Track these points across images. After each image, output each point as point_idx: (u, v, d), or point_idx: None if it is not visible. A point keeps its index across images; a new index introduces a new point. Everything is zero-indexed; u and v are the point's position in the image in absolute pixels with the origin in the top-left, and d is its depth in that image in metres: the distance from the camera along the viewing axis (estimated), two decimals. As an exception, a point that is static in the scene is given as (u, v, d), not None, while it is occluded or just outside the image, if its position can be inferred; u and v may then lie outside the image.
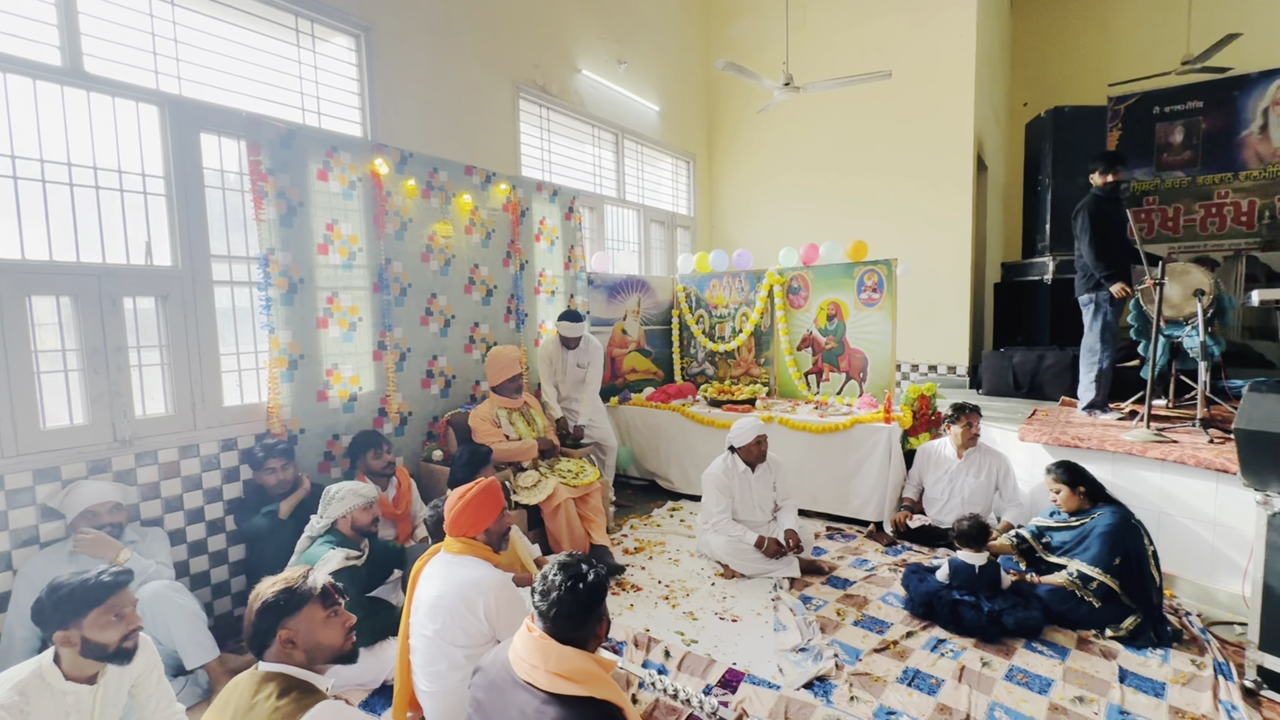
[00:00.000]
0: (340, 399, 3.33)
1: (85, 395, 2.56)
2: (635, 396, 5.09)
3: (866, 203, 6.12)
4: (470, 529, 2.07)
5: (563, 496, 3.32)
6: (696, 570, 3.39)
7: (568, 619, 1.46)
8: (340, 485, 2.52)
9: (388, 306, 3.55)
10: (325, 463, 3.27)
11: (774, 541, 3.26)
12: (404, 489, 3.23)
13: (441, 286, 3.88)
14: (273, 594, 1.48)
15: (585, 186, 5.54)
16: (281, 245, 3.05)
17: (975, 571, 2.79)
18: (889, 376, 4.47)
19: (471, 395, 4.10)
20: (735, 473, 3.45)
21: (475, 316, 4.11)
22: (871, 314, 4.52)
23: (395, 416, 3.60)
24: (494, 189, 4.20)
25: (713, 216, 7.35)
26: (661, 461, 4.82)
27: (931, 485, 3.74)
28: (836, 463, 4.04)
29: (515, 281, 4.38)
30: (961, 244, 5.61)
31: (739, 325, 5.25)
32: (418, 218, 3.72)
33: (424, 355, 3.80)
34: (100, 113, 2.62)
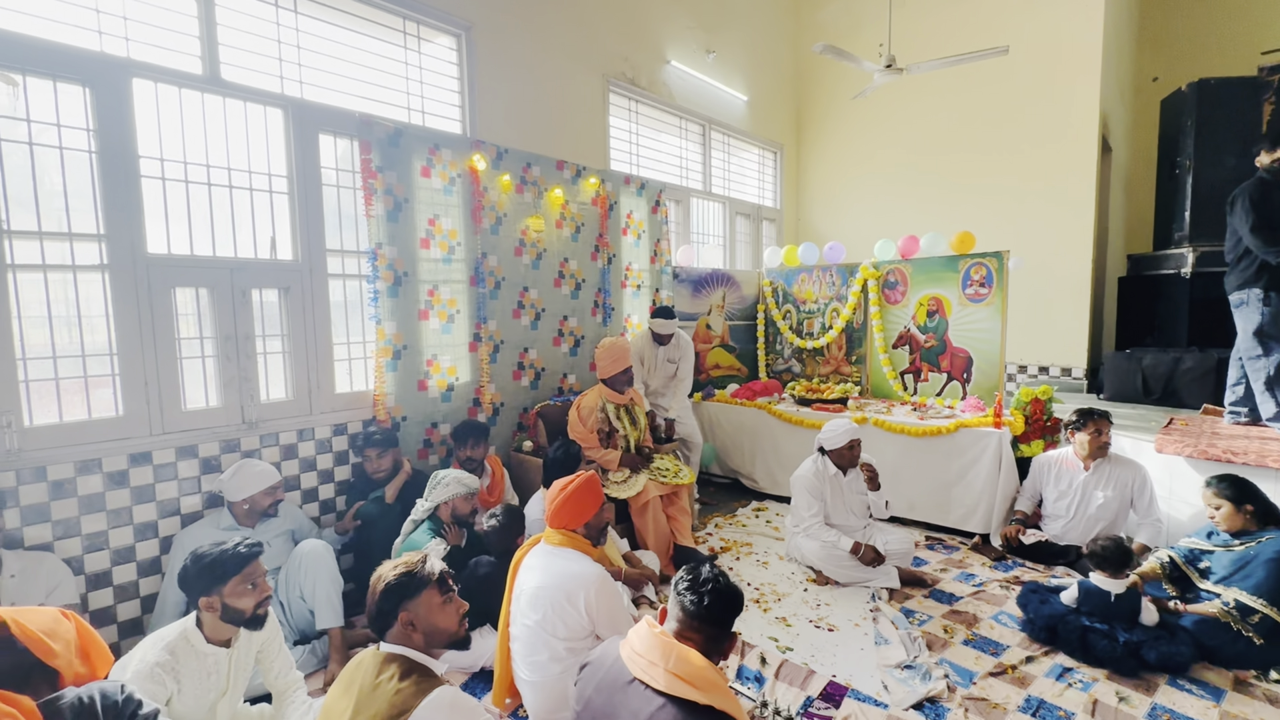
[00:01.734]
0: (439, 389, 3.45)
1: (219, 380, 2.77)
2: (719, 393, 5.00)
3: (972, 191, 5.71)
4: (571, 521, 2.08)
5: (652, 494, 3.29)
6: (786, 574, 3.29)
7: (701, 623, 1.42)
8: (446, 472, 2.60)
9: (483, 299, 3.64)
10: (424, 449, 3.39)
11: (871, 549, 3.10)
12: (497, 478, 3.32)
13: (533, 280, 3.94)
14: (394, 576, 1.52)
15: (671, 179, 5.48)
16: (388, 240, 3.18)
17: (1111, 600, 2.52)
18: (997, 378, 4.15)
19: (559, 388, 4.16)
20: (826, 476, 3.31)
21: (564, 310, 4.15)
22: (978, 310, 4.21)
23: (489, 407, 3.69)
24: (584, 183, 4.22)
25: (799, 209, 7.11)
26: (746, 460, 4.71)
27: (1054, 500, 3.42)
28: (938, 469, 3.80)
29: (603, 275, 4.39)
30: (1082, 235, 5.13)
31: (829, 321, 5.04)
32: (512, 212, 3.79)
33: (516, 348, 3.87)
34: (234, 117, 2.82)
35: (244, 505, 2.54)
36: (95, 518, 2.44)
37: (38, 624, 1.27)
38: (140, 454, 2.53)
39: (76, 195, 2.41)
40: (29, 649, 1.22)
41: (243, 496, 2.53)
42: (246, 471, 2.56)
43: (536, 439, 3.77)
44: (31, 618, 1.27)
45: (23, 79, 2.30)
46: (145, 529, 2.55)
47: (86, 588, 2.42)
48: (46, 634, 1.27)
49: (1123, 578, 2.54)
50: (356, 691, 1.42)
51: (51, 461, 2.33)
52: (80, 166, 2.42)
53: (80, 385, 2.45)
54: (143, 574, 2.55)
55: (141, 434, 2.54)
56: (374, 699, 1.38)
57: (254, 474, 2.56)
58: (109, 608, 2.48)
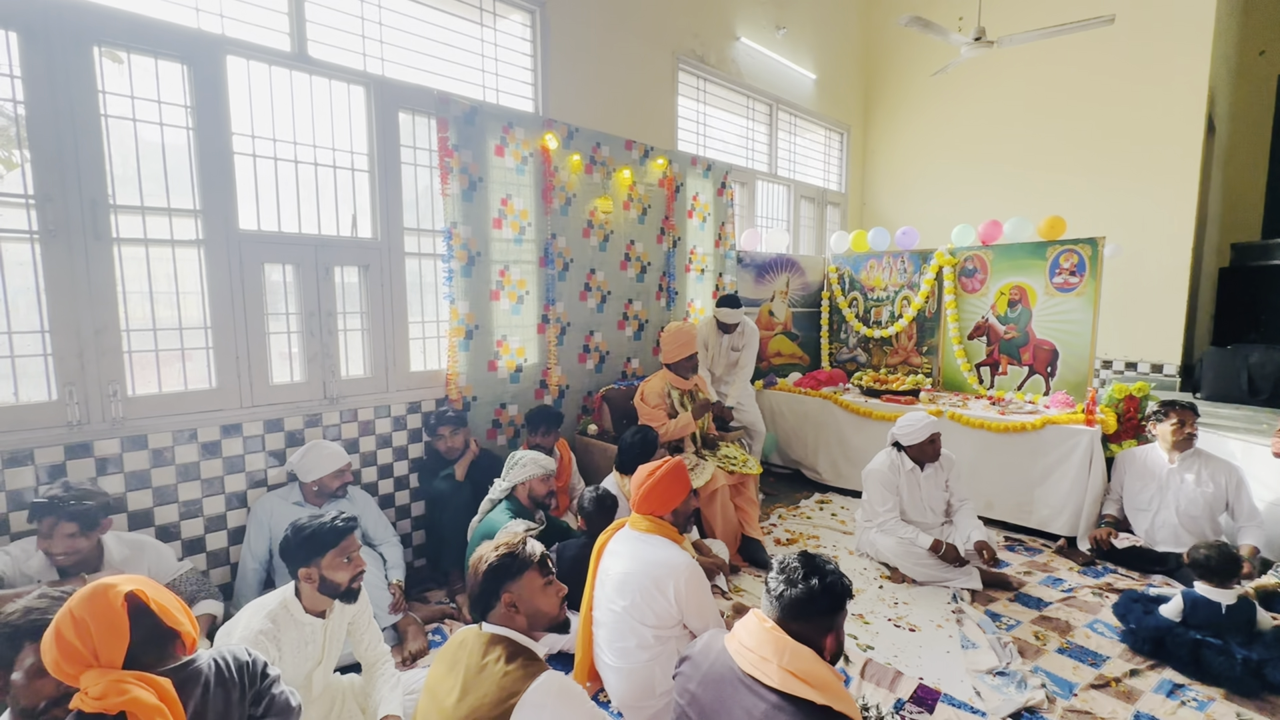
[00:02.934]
0: (508, 369, 3.45)
1: (303, 355, 2.82)
2: (781, 381, 4.89)
3: (1061, 174, 5.39)
4: (659, 507, 2.04)
5: (720, 482, 3.23)
6: (858, 570, 3.19)
7: (807, 615, 1.35)
8: (524, 453, 2.60)
9: (552, 281, 3.61)
10: (493, 429, 3.41)
11: (952, 548, 2.97)
12: (565, 462, 3.31)
13: (600, 262, 3.90)
14: (497, 557, 1.50)
15: (737, 161, 5.35)
16: (463, 219, 3.18)
17: (1222, 611, 2.34)
18: (1086, 373, 3.92)
19: (623, 372, 4.12)
20: (903, 470, 3.18)
21: (629, 293, 4.10)
22: (1067, 300, 3.97)
23: (555, 389, 3.68)
24: (651, 164, 4.13)
25: (865, 192, 6.86)
26: (809, 451, 4.60)
27: (1136, 492, 3.23)
28: (1020, 467, 3.61)
29: (668, 258, 4.31)
30: (1183, 221, 4.77)
31: (899, 310, 4.85)
32: (581, 193, 3.75)
33: (582, 330, 3.85)
34: (319, 94, 2.84)
35: (313, 486, 2.58)
36: (190, 485, 2.52)
37: (159, 593, 1.30)
38: (231, 425, 2.60)
39: (175, 172, 2.47)
40: (160, 618, 1.24)
41: (313, 478, 2.56)
42: (317, 453, 2.59)
43: (601, 423, 3.74)
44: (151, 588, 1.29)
45: (127, 56, 2.35)
46: (234, 499, 2.63)
47: (182, 553, 2.52)
48: (170, 603, 1.29)
49: (1232, 587, 2.36)
50: (463, 671, 1.41)
51: (152, 430, 2.41)
52: (179, 143, 2.47)
53: (178, 357, 2.53)
54: (232, 541, 2.64)
55: (233, 406, 2.61)
56: (481, 680, 1.37)
57: (325, 455, 2.58)
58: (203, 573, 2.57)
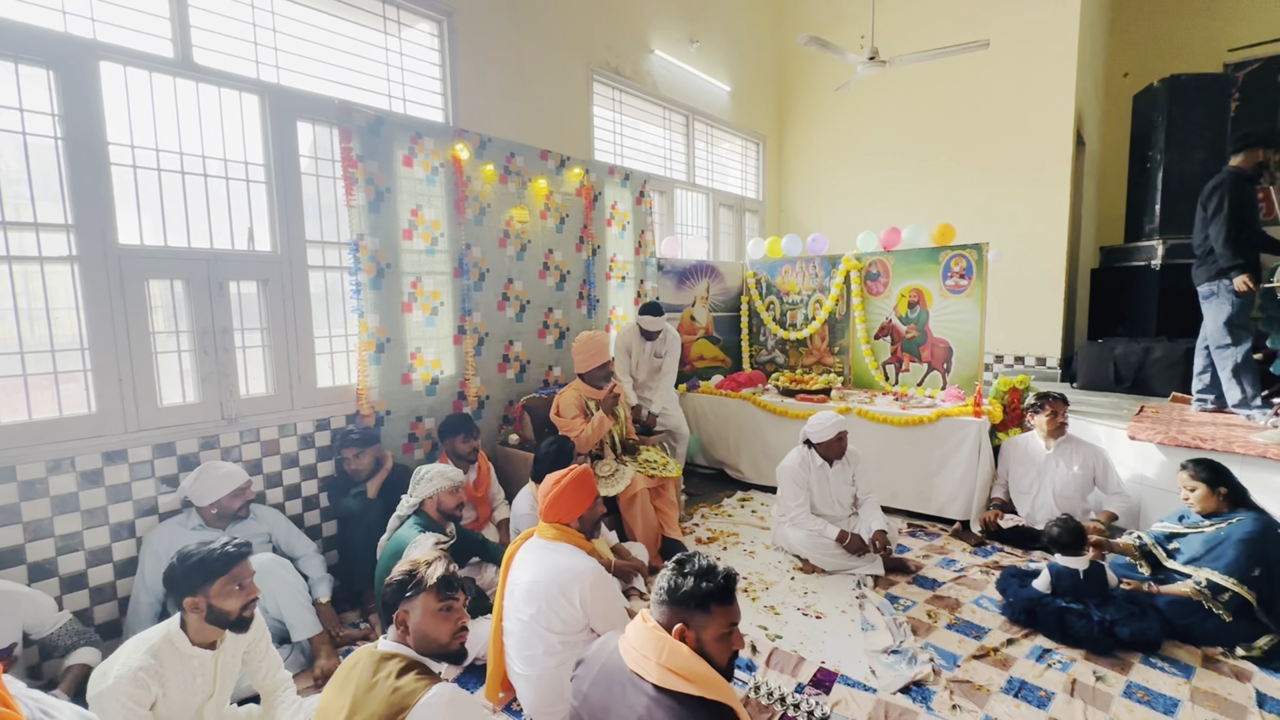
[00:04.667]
0: (423, 382, 3.40)
1: (196, 375, 2.68)
2: (704, 384, 5.02)
3: (952, 183, 5.78)
4: (565, 515, 2.07)
5: (640, 486, 3.30)
6: (774, 563, 3.32)
7: (681, 612, 1.41)
8: (429, 467, 2.56)
9: (467, 291, 3.59)
10: (409, 444, 3.35)
11: (856, 538, 3.14)
12: (484, 472, 3.28)
13: (518, 271, 3.90)
14: (398, 574, 1.49)
15: (656, 170, 5.46)
16: (370, 230, 3.11)
17: (1080, 577, 2.60)
18: (976, 368, 4.21)
19: (545, 380, 4.13)
20: (812, 467, 3.34)
21: (549, 302, 4.12)
22: (958, 301, 4.27)
23: (474, 400, 3.65)
24: (568, 173, 4.17)
25: (782, 200, 7.14)
26: (731, 451, 4.74)
27: (1019, 477, 3.54)
28: (919, 458, 3.86)
29: (587, 267, 4.35)
30: (1057, 227, 5.23)
31: (812, 312, 5.07)
32: (495, 203, 3.74)
33: (501, 340, 3.83)
34: (207, 103, 2.72)
35: (212, 509, 2.46)
36: (69, 518, 2.36)
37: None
38: (115, 452, 2.45)
39: (42, 184, 2.31)
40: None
41: (209, 501, 2.44)
42: (210, 474, 2.47)
43: (522, 432, 3.74)
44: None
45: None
46: (121, 529, 2.47)
47: (61, 590, 2.35)
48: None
49: (1085, 554, 2.62)
50: (353, 690, 1.40)
51: (21, 461, 2.24)
52: (46, 154, 2.31)
53: (50, 381, 2.36)
54: (120, 575, 2.48)
55: (116, 431, 2.45)
56: (371, 698, 1.36)
57: (219, 476, 2.47)
58: (86, 610, 2.41)
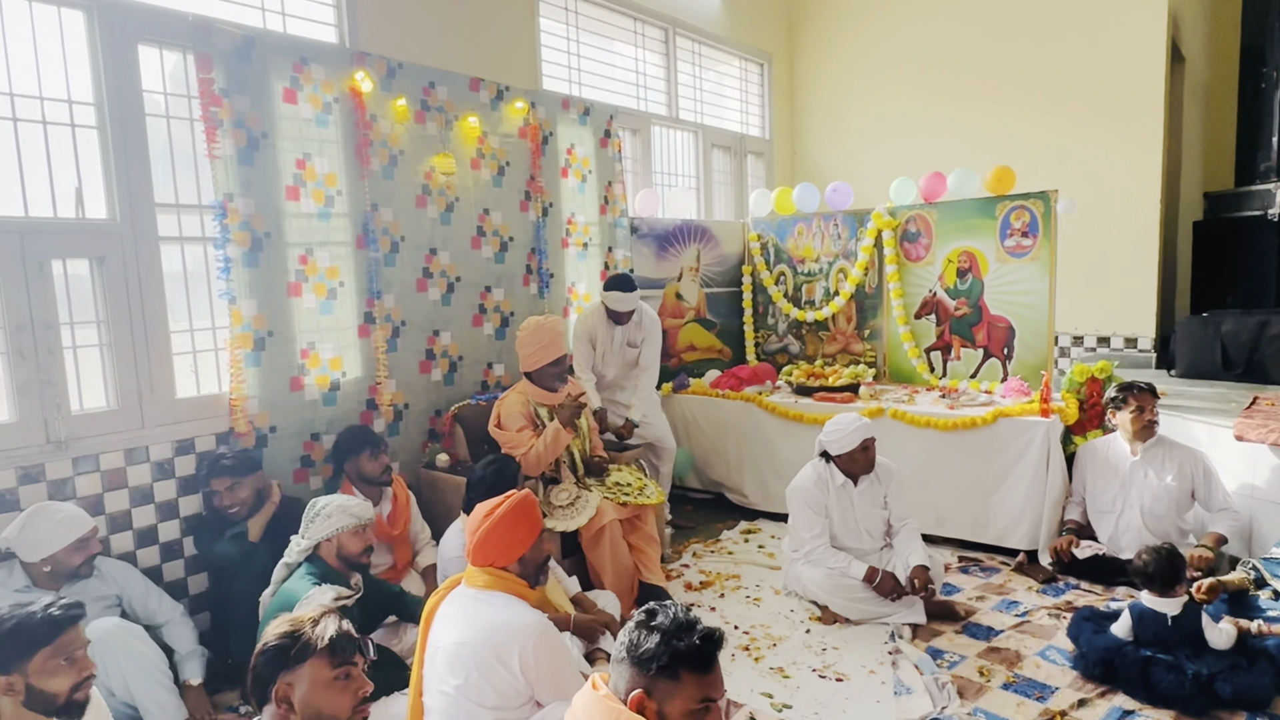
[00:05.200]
0: (319, 388, 3.44)
1: (10, 385, 2.71)
2: (695, 382, 5.10)
3: (1013, 116, 5.92)
4: (500, 556, 2.12)
5: (608, 518, 3.36)
6: (784, 612, 3.42)
7: (642, 676, 1.46)
8: (328, 500, 2.60)
9: (375, 266, 3.63)
10: (302, 470, 3.39)
11: (890, 576, 3.25)
12: (401, 504, 3.32)
13: (443, 239, 3.95)
14: (276, 638, 1.55)
15: (626, 102, 5.52)
16: (242, 189, 3.14)
17: (1168, 623, 2.71)
18: (1045, 353, 4.36)
19: (483, 382, 4.19)
20: (832, 486, 3.44)
21: (486, 278, 4.17)
22: (1021, 267, 4.40)
23: (388, 410, 3.70)
24: (507, 109, 4.23)
25: (794, 139, 7.23)
26: (731, 469, 4.83)
27: (1099, 492, 3.66)
28: (973, 472, 3.99)
29: (537, 231, 4.41)
30: (1148, 168, 5.39)
31: (834, 286, 5.18)
32: (411, 149, 3.78)
33: (422, 330, 3.88)
34: (16, 24, 2.74)
35: (44, 566, 2.48)
36: None
37: None
38: (-97, 489, 2.47)
39: None
40: None
41: (42, 555, 2.46)
42: (44, 521, 2.47)
43: (454, 451, 3.80)
44: None
45: None
46: (-85, 591, 2.50)
47: None
48: None
49: (1177, 594, 2.74)
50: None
51: None
52: None
53: None
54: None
55: (-96, 462, 2.48)
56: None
57: (55, 524, 2.48)
58: None
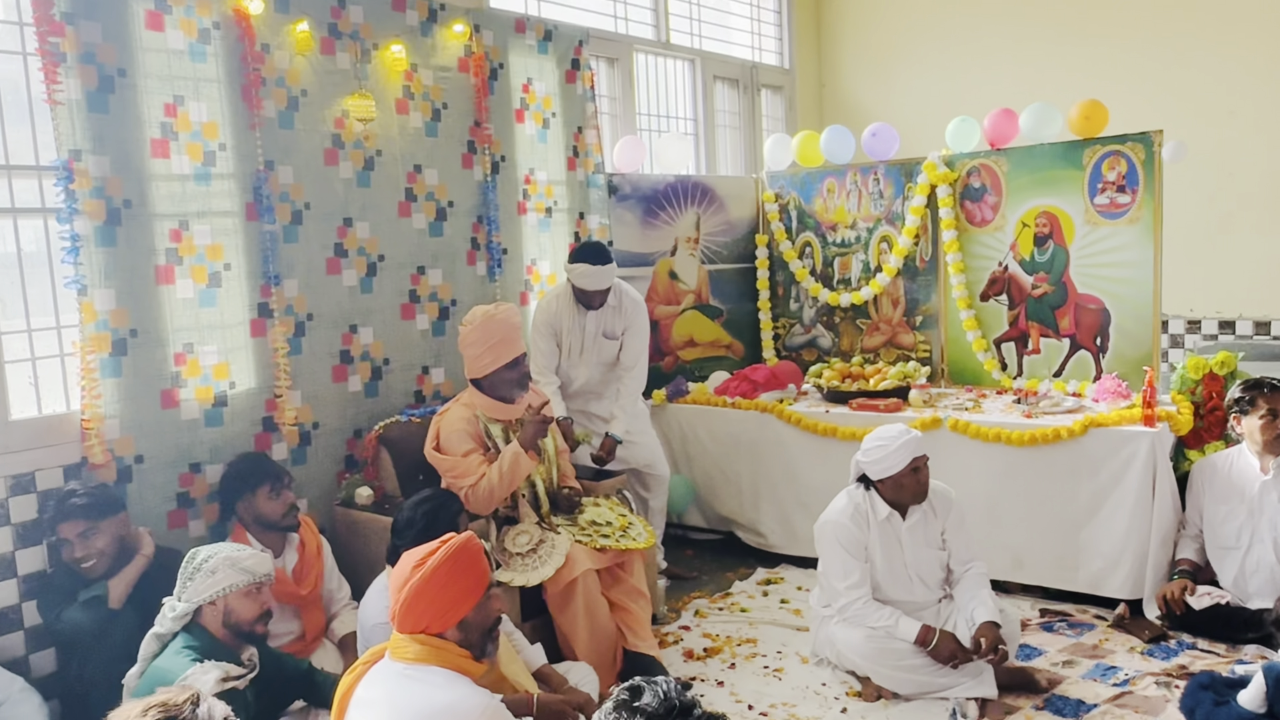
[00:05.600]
0: (200, 403, 3.36)
1: None
2: (697, 388, 5.07)
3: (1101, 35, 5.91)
4: (434, 621, 2.05)
5: (582, 567, 3.30)
6: (814, 686, 3.38)
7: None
8: (212, 550, 2.53)
9: (272, 243, 3.55)
10: (179, 511, 3.31)
11: (950, 637, 3.20)
12: (311, 554, 3.27)
13: (361, 206, 3.88)
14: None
15: (601, 23, 5.47)
16: (93, 144, 3.05)
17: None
18: (1150, 343, 4.34)
19: (417, 392, 4.13)
20: (874, 520, 3.40)
21: (419, 256, 4.12)
22: (1116, 232, 4.37)
23: (291, 432, 3.62)
24: (443, 32, 4.17)
25: (823, 69, 7.22)
26: (745, 501, 4.79)
27: (1219, 523, 3.65)
28: (1058, 499, 3.96)
29: (485, 193, 4.37)
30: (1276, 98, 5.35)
31: (876, 260, 5.15)
32: (316, 89, 3.72)
33: (335, 325, 3.82)
34: None
35: None
36: None
37: None
38: None
39: None
40: None
41: None
42: None
43: (379, 483, 3.72)
44: None
45: None
46: None
47: None
48: None
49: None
50: None
51: None
52: None
53: None
54: None
55: None
56: None
57: None
58: None
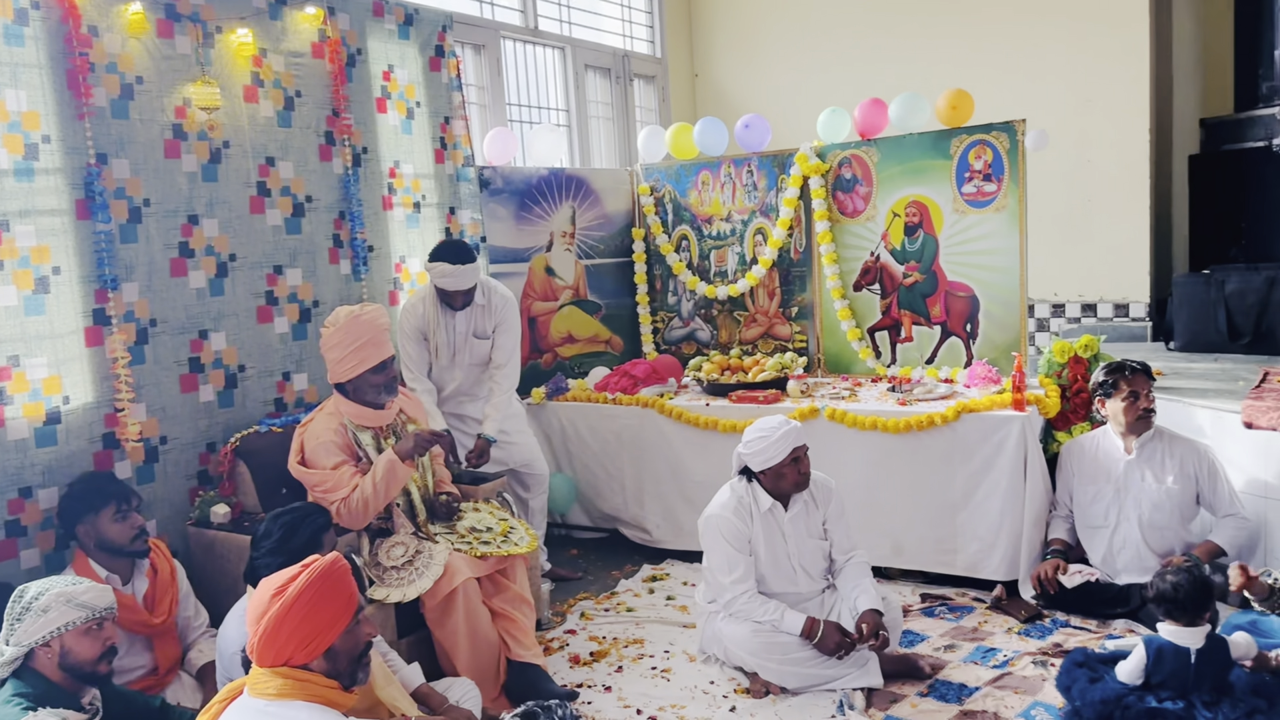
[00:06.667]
0: (28, 421, 3.20)
1: None
2: (576, 385, 5.08)
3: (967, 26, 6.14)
4: (297, 652, 1.98)
5: (462, 577, 3.27)
6: (701, 685, 3.41)
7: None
8: (42, 586, 2.42)
9: (108, 243, 3.40)
10: (8, 541, 3.14)
11: (834, 627, 3.27)
12: (164, 580, 3.16)
13: (207, 201, 3.77)
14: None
15: (466, 7, 5.42)
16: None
17: (1191, 659, 2.82)
18: (1017, 328, 4.52)
19: (277, 400, 4.04)
20: (757, 513, 3.45)
21: (276, 255, 4.03)
22: (983, 220, 4.54)
23: (135, 448, 3.48)
24: (295, 16, 4.08)
25: (696, 59, 7.29)
26: (628, 497, 4.83)
27: (1088, 503, 3.84)
28: (934, 485, 4.10)
29: (346, 187, 4.29)
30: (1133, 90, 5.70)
31: (751, 252, 5.24)
32: (154, 76, 3.58)
33: (183, 331, 3.70)
34: None
35: None
36: None
37: None
38: None
39: None
40: None
41: None
42: None
43: (238, 499, 3.63)
44: None
45: None
46: None
47: None
48: None
49: (1203, 623, 2.85)
50: None
51: None
52: None
53: None
54: None
55: None
56: None
57: None
58: None
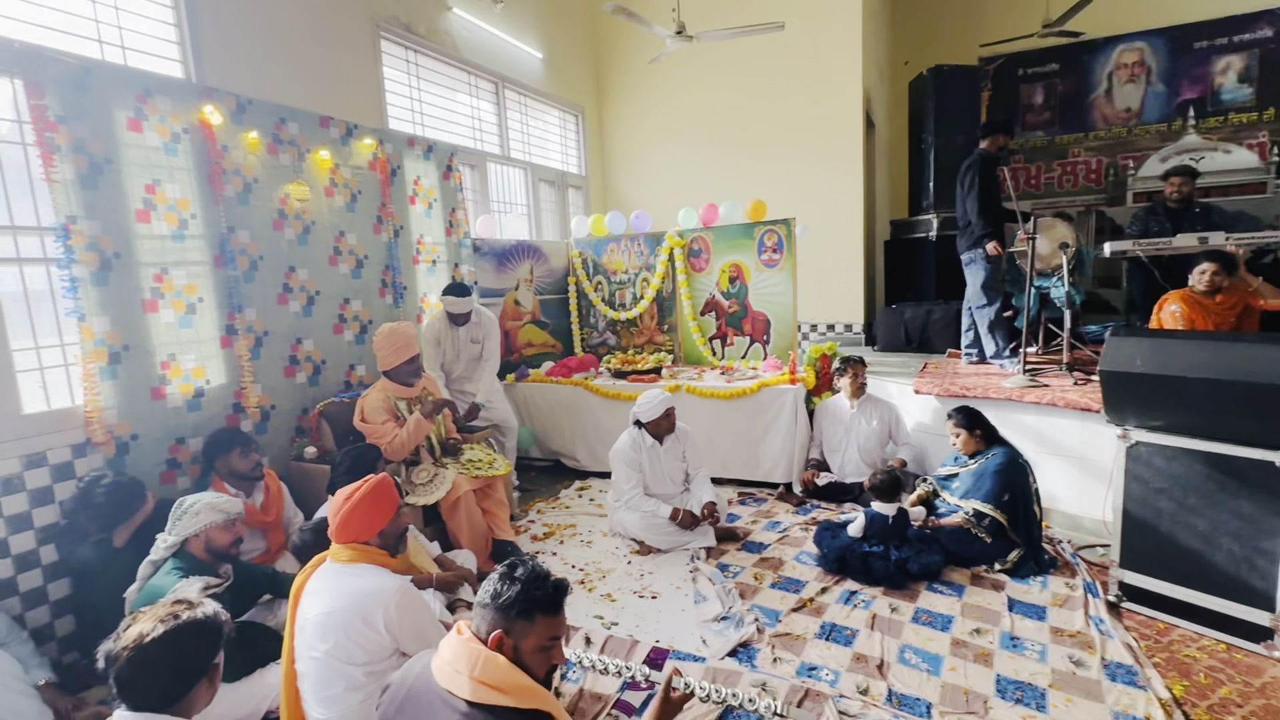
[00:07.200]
0: (183, 395, 2.98)
1: None
2: (534, 372, 5.01)
3: (763, 160, 6.29)
4: (361, 533, 1.94)
5: (463, 489, 3.21)
6: (611, 550, 3.43)
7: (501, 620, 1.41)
8: (196, 498, 2.27)
9: (235, 284, 3.19)
10: (169, 472, 2.92)
11: (688, 513, 3.36)
12: (274, 494, 2.99)
13: (301, 258, 3.55)
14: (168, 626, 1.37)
15: (464, 142, 5.25)
16: (86, 212, 2.62)
17: (889, 522, 3.03)
18: (791, 338, 4.70)
19: (346, 381, 3.83)
20: (644, 447, 3.50)
21: (344, 291, 3.81)
22: (773, 275, 4.70)
23: (255, 412, 3.28)
24: (357, 144, 3.86)
25: (605, 175, 7.26)
26: (566, 440, 4.80)
27: (830, 438, 4.07)
28: (745, 428, 4.22)
29: (389, 250, 4.09)
30: (854, 202, 5.95)
31: (640, 291, 5.28)
32: (265, 178, 3.35)
33: (285, 339, 3.48)
34: None
35: None
36: None
37: None
38: None
39: None
40: None
41: None
42: None
43: (321, 443, 3.45)
44: None
45: None
46: None
47: None
48: None
49: (897, 501, 3.07)
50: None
51: None
52: None
53: None
54: None
55: None
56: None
57: None
58: None
